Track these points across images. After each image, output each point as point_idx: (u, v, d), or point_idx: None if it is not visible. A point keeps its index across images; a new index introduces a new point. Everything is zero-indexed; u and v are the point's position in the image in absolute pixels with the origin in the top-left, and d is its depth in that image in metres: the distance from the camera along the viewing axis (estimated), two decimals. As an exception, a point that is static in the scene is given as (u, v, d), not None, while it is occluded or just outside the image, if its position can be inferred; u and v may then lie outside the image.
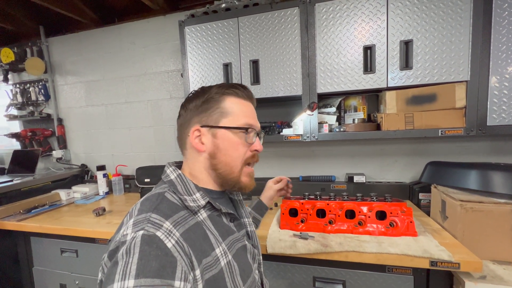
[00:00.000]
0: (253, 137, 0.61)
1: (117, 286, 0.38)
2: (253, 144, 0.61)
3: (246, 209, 0.73)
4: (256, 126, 0.61)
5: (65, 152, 2.16)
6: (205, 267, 0.47)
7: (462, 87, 1.11)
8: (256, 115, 0.64)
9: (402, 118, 1.19)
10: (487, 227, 0.94)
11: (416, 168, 1.49)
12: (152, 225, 0.44)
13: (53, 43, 2.12)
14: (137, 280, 0.38)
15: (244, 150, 0.59)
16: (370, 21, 1.16)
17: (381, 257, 0.91)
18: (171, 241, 0.44)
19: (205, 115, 0.58)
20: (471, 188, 1.06)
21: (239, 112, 0.58)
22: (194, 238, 0.48)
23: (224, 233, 0.56)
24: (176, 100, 1.89)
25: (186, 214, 0.52)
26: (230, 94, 0.59)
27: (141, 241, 0.42)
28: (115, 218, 1.41)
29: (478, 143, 1.39)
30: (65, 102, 2.17)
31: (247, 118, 0.59)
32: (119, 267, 0.39)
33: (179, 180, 0.57)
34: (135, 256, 0.40)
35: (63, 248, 1.38)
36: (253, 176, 0.64)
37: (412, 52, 1.13)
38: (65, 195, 1.78)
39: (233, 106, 0.58)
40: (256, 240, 0.69)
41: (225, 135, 0.58)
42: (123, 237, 0.43)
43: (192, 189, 0.56)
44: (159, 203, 0.50)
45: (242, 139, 0.59)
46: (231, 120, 0.58)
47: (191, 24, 1.42)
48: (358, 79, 1.21)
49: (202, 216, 0.54)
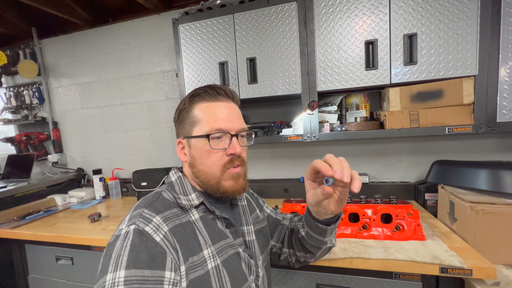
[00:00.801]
0: (225, 141, 0.57)
1: (110, 277, 0.41)
2: (228, 148, 0.56)
3: (249, 216, 0.68)
4: (227, 128, 0.56)
5: (61, 156, 2.12)
6: (191, 266, 0.48)
7: (470, 82, 1.05)
8: (233, 114, 0.59)
9: (406, 115, 1.13)
10: (500, 230, 0.89)
11: (421, 167, 1.43)
12: (143, 220, 0.48)
13: (46, 44, 2.08)
14: (127, 271, 0.41)
15: (218, 156, 0.56)
16: (372, 14, 1.11)
17: (388, 263, 0.86)
18: (159, 235, 0.47)
19: (181, 127, 0.60)
20: (480, 188, 1.01)
21: (206, 118, 0.56)
22: (183, 234, 0.50)
23: (215, 236, 0.55)
24: (172, 101, 1.84)
25: (179, 211, 0.54)
26: (197, 101, 0.58)
27: (132, 235, 0.45)
28: (111, 224, 1.36)
29: (486, 140, 1.33)
30: (60, 105, 2.13)
31: (214, 123, 0.56)
32: (112, 259, 0.43)
33: (178, 181, 0.60)
34: (126, 249, 0.43)
35: (58, 255, 1.34)
36: (240, 177, 0.59)
37: (417, 47, 1.07)
38: (61, 200, 1.74)
39: (200, 113, 0.57)
40: (256, 252, 0.64)
41: (196, 144, 0.57)
42: (118, 231, 0.48)
43: (188, 190, 0.58)
44: (154, 200, 0.54)
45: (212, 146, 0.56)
46: (199, 128, 0.57)
47: (185, 22, 1.37)
48: (360, 75, 1.15)
49: (194, 217, 0.55)
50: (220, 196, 0.59)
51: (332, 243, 0.70)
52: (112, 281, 0.41)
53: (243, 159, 0.60)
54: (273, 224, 0.78)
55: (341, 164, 0.47)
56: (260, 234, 0.70)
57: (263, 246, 0.69)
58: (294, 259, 0.75)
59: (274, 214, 0.80)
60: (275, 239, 0.78)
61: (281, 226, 0.79)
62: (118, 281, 0.41)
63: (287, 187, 1.60)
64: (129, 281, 0.41)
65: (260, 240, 0.67)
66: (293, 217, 0.80)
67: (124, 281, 0.41)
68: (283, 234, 0.78)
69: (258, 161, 1.67)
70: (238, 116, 0.60)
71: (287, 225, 0.78)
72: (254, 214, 0.72)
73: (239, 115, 0.60)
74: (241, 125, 0.59)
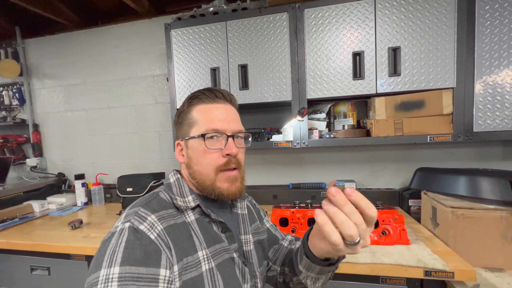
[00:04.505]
0: (221, 142, 0.56)
1: (104, 272, 0.41)
2: (224, 148, 0.56)
3: (248, 226, 0.65)
4: (223, 129, 0.56)
5: (40, 160, 2.02)
6: (185, 267, 0.48)
7: (449, 93, 1.12)
8: (230, 115, 0.59)
9: (391, 124, 1.18)
10: (478, 234, 0.94)
11: (405, 174, 1.49)
12: (138, 218, 0.48)
13: (30, 44, 2.01)
14: (122, 267, 0.41)
15: (214, 156, 0.56)
16: (358, 27, 1.17)
17: (375, 267, 0.88)
18: (153, 233, 0.46)
19: (180, 129, 0.61)
20: (460, 194, 1.06)
21: (203, 119, 0.57)
22: (177, 234, 0.50)
23: (210, 239, 0.55)
24: (161, 105, 1.82)
25: (174, 212, 0.54)
26: (195, 103, 0.59)
27: (128, 232, 0.45)
28: (94, 231, 1.30)
29: (464, 149, 1.41)
30: (42, 107, 2.05)
31: (210, 123, 0.56)
32: (107, 255, 0.43)
33: (176, 183, 0.60)
34: (121, 245, 0.43)
35: (33, 265, 1.26)
36: (237, 180, 0.58)
37: (400, 59, 1.14)
38: (39, 207, 1.65)
39: (197, 115, 0.58)
40: (254, 263, 0.61)
41: (193, 145, 0.58)
42: (114, 228, 0.48)
43: (185, 192, 0.58)
44: (151, 200, 0.54)
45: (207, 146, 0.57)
46: (196, 129, 0.58)
47: (177, 27, 1.37)
48: (348, 85, 1.20)
49: (190, 218, 0.55)
50: (216, 199, 0.59)
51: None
52: (106, 277, 0.40)
53: (240, 161, 0.59)
54: (270, 240, 0.73)
55: (348, 220, 0.36)
56: (259, 246, 0.67)
57: (261, 259, 0.66)
58: (282, 279, 0.70)
59: (273, 230, 0.76)
60: (270, 256, 0.73)
61: (278, 246, 0.73)
62: (112, 277, 0.40)
63: (276, 193, 1.61)
64: (124, 278, 0.40)
65: (259, 252, 0.65)
66: (293, 240, 0.76)
67: (118, 277, 0.40)
68: (279, 254, 0.72)
69: (247, 167, 1.65)
70: (235, 118, 0.60)
71: (285, 246, 0.73)
72: (254, 224, 0.69)
73: (236, 117, 0.60)
74: (238, 127, 0.59)
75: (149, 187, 1.61)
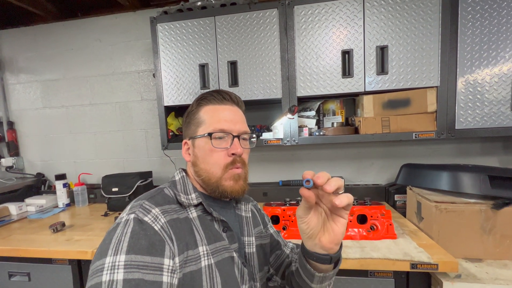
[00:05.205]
0: (227, 142, 0.59)
1: (109, 260, 0.42)
2: (229, 148, 0.58)
3: (252, 228, 0.66)
4: (229, 129, 0.59)
5: (17, 160, 1.90)
6: (187, 260, 0.49)
7: (433, 92, 1.16)
8: (236, 117, 0.62)
9: (379, 122, 1.21)
10: (460, 227, 0.98)
11: (391, 170, 1.53)
12: (142, 210, 0.50)
13: (2, 36, 1.87)
14: (128, 256, 0.42)
15: (221, 155, 0.58)
16: (347, 25, 1.18)
17: (364, 262, 0.90)
18: (157, 225, 0.48)
19: (188, 128, 0.63)
20: (443, 189, 1.10)
21: (211, 119, 0.60)
22: (180, 228, 0.51)
23: (211, 236, 0.55)
24: (147, 102, 1.76)
25: (177, 207, 0.55)
26: (204, 104, 0.61)
27: (133, 223, 0.47)
28: (77, 233, 1.25)
29: (446, 145, 1.47)
30: (17, 103, 1.92)
31: (217, 124, 0.59)
32: (112, 244, 0.44)
33: (181, 180, 0.61)
34: (127, 235, 0.45)
35: (11, 271, 1.19)
36: (240, 178, 0.60)
37: (388, 58, 1.16)
38: (16, 209, 1.56)
39: (205, 115, 0.60)
40: (254, 265, 0.62)
41: (200, 144, 0.60)
42: (119, 219, 0.49)
43: (189, 190, 0.59)
44: (156, 195, 0.56)
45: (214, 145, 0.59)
46: (203, 128, 0.60)
47: (164, 21, 1.33)
48: (337, 83, 1.21)
49: (192, 215, 0.56)
50: (219, 197, 0.60)
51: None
52: (112, 264, 0.42)
53: (244, 161, 0.61)
54: (272, 245, 0.73)
55: (327, 176, 0.45)
56: (261, 250, 0.67)
57: (262, 264, 0.66)
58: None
59: (276, 236, 0.76)
60: (272, 262, 0.73)
61: (280, 252, 0.73)
62: (118, 265, 0.42)
63: (267, 190, 1.61)
64: (129, 265, 0.42)
65: (260, 256, 0.65)
66: (294, 247, 0.76)
67: (124, 265, 0.42)
68: (280, 261, 0.72)
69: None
70: (241, 119, 0.63)
71: (287, 253, 0.73)
72: (258, 228, 0.70)
73: (242, 119, 0.63)
74: (244, 128, 0.61)
75: (136, 187, 1.56)
